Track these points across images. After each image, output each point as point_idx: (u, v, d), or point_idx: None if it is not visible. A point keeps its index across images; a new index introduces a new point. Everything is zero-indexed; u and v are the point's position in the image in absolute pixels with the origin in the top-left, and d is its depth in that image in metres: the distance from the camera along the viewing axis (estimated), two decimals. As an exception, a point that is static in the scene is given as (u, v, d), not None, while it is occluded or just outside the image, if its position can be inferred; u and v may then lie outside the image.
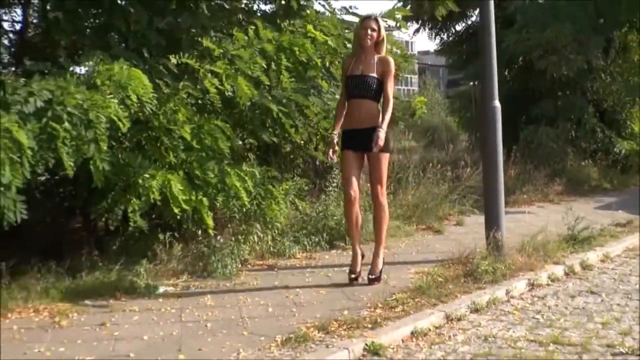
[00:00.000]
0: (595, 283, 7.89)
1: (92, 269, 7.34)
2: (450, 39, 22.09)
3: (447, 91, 53.54)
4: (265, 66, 8.08)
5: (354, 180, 7.36)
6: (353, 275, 7.41)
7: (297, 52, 8.27)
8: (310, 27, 8.66)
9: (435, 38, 22.07)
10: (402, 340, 5.78)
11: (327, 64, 9.27)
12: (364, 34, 7.20)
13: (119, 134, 6.93)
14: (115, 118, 6.13)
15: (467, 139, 19.81)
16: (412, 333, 5.90)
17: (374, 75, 7.24)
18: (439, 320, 6.24)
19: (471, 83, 21.91)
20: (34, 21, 9.71)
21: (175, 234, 8.07)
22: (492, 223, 8.43)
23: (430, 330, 6.05)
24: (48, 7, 8.74)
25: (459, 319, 6.39)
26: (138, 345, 5.44)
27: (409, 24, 12.79)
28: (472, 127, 20.69)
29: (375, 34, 7.22)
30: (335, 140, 7.55)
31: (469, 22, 21.33)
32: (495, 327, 6.20)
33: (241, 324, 5.99)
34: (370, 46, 7.27)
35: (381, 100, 7.40)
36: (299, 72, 8.49)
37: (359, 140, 7.25)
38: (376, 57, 7.31)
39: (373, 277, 7.38)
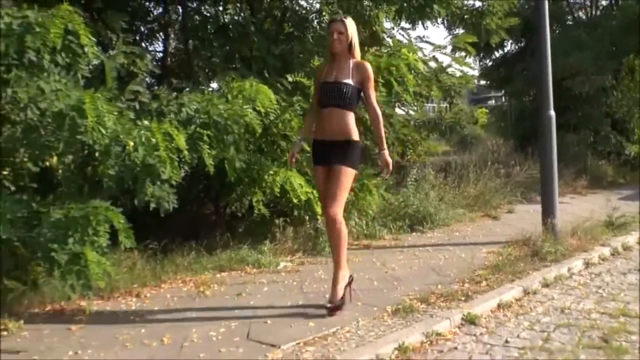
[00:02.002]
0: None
1: (224, 247, 7.14)
2: (490, 64, 21.45)
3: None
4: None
5: None
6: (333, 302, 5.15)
7: (394, 71, 7.85)
8: (405, 50, 8.23)
9: (478, 63, 21.49)
10: (491, 311, 5.27)
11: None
12: (332, 39, 5.24)
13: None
14: (251, 125, 5.80)
15: (502, 144, 19.08)
16: (498, 305, 5.38)
17: (349, 82, 5.18)
18: (518, 294, 5.71)
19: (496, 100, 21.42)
20: (172, 51, 9.65)
21: (287, 219, 7.71)
22: (548, 211, 7.96)
23: (513, 302, 5.52)
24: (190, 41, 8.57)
25: (534, 293, 5.85)
26: (272, 313, 5.04)
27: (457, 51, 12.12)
28: (506, 135, 20.19)
29: (343, 37, 5.20)
30: (298, 146, 5.70)
31: (505, 51, 20.73)
32: (567, 300, 5.64)
33: (354, 296, 5.53)
34: (342, 51, 5.26)
35: (355, 109, 5.38)
36: (391, 86, 8.00)
37: (328, 153, 5.21)
38: (351, 61, 5.27)
39: (331, 305, 5.02)
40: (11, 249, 4.74)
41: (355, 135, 5.21)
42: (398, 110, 9.60)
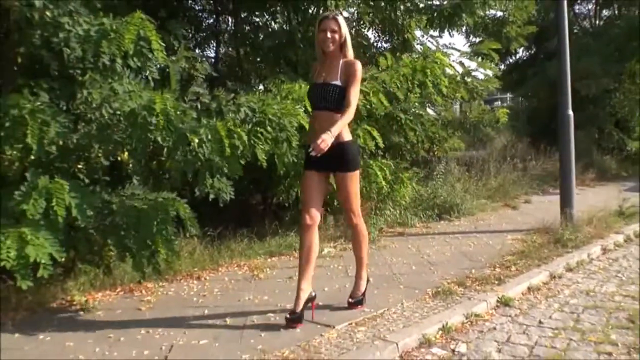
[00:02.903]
0: (652, 248, 7.02)
1: (273, 234, 7.03)
2: (503, 69, 21.14)
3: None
4: (399, 85, 7.49)
5: (313, 204, 4.35)
6: (288, 316, 4.18)
7: (429, 73, 7.64)
8: (439, 54, 8.02)
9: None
10: (522, 294, 5.08)
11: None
12: (324, 37, 4.28)
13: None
14: (303, 123, 5.63)
15: (518, 141, 18.77)
16: (528, 288, 5.19)
17: (337, 83, 4.27)
18: (545, 278, 5.51)
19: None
20: (221, 56, 9.58)
21: (328, 209, 7.53)
22: (566, 202, 7.72)
23: (541, 286, 5.33)
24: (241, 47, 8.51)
25: (559, 277, 5.65)
26: (321, 295, 4.84)
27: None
28: (519, 132, 19.90)
29: (336, 36, 4.27)
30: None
31: (517, 57, 20.45)
32: (590, 284, 5.43)
33: (396, 279, 5.38)
34: (334, 50, 4.32)
35: None
36: (425, 87, 7.78)
37: (322, 158, 4.13)
38: (342, 61, 4.32)
39: (353, 300, 4.56)
40: (87, 236, 4.64)
41: (347, 136, 4.34)
42: (429, 110, 9.40)
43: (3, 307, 4.44)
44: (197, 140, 4.58)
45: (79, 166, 4.90)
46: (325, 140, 3.97)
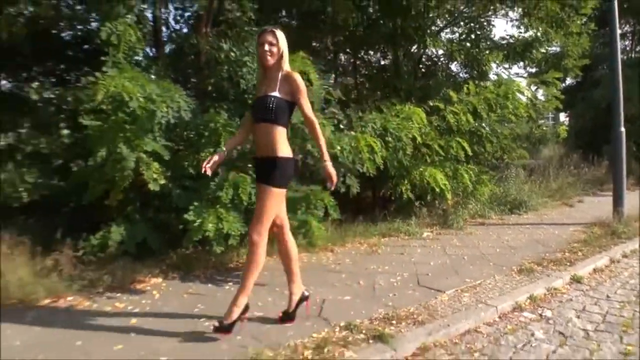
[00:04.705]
0: (693, 240, 6.62)
1: (382, 220, 7.05)
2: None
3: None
4: (483, 107, 7.43)
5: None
6: (280, 314, 3.67)
7: (510, 97, 7.54)
8: (518, 82, 7.88)
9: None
10: (590, 274, 4.94)
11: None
12: (262, 51, 3.41)
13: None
14: (416, 136, 5.71)
15: (569, 151, 17.97)
16: (594, 269, 5.05)
17: (275, 94, 3.35)
18: (606, 262, 5.32)
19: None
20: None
21: (422, 202, 7.55)
22: (618, 202, 7.38)
23: (604, 268, 5.17)
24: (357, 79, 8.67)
25: (618, 261, 5.44)
26: (429, 268, 4.94)
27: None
28: (569, 146, 19.07)
29: (274, 49, 3.39)
30: (215, 156, 3.48)
31: (567, 84, 19.57)
32: (645, 268, 5.25)
33: (485, 258, 5.35)
34: (273, 64, 3.42)
35: (285, 123, 3.41)
36: (506, 108, 7.65)
37: (258, 170, 3.55)
38: (281, 74, 3.40)
39: (218, 325, 3.30)
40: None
41: (283, 152, 3.35)
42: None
43: (197, 265, 4.77)
44: (339, 148, 4.76)
45: (249, 165, 5.17)
46: (331, 171, 3.39)
